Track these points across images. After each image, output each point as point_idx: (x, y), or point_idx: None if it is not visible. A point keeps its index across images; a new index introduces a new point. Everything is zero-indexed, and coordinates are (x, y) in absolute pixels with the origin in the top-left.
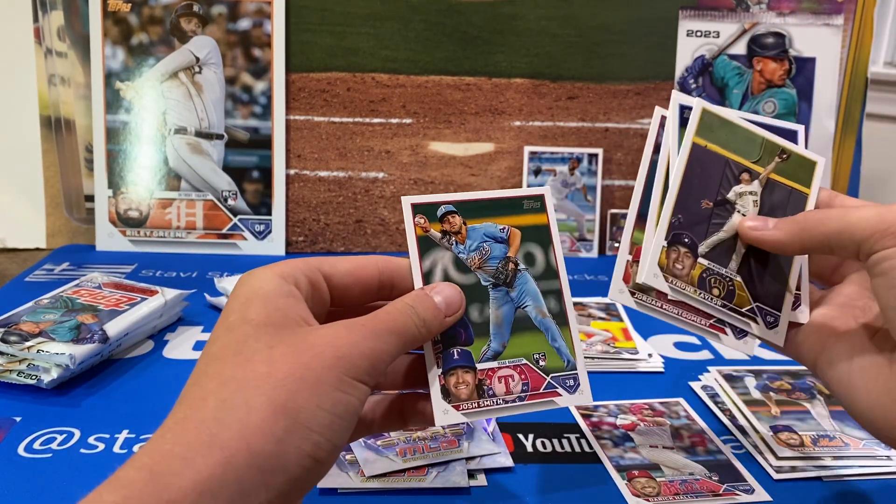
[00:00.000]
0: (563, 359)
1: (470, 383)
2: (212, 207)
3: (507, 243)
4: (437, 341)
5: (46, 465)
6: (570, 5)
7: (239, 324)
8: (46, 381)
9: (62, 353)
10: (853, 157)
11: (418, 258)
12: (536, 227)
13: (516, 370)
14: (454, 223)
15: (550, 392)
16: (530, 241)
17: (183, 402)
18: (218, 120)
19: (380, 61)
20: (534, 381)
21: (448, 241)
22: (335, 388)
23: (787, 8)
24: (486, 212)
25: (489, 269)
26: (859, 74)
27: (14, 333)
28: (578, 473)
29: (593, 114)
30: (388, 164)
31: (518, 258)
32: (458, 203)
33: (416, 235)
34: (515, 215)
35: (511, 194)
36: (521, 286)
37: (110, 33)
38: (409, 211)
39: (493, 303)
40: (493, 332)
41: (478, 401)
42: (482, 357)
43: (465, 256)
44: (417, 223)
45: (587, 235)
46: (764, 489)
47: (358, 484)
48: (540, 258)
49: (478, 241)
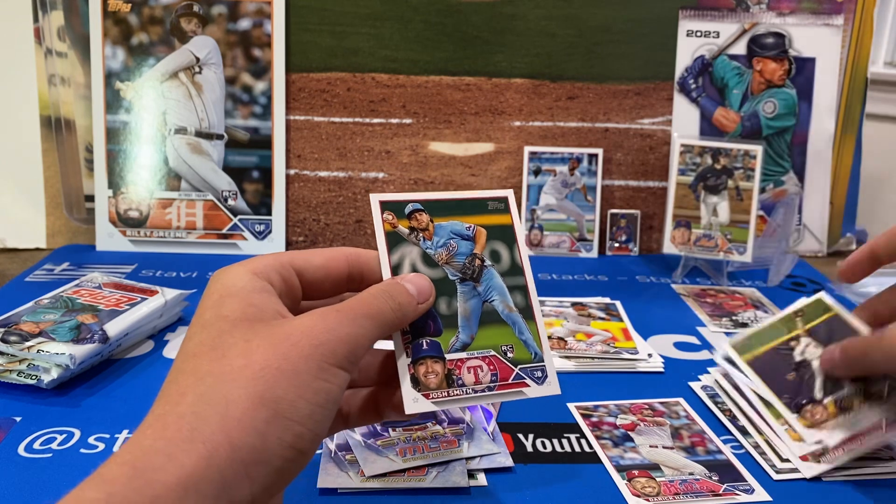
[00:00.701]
0: (531, 351)
1: (439, 373)
2: (212, 207)
3: (474, 241)
4: (406, 332)
5: (46, 465)
6: (570, 5)
7: (214, 320)
8: (46, 381)
9: (62, 353)
10: (853, 157)
11: (387, 252)
12: (501, 227)
13: (485, 361)
14: (421, 220)
15: (519, 383)
16: (496, 240)
17: (161, 399)
18: (218, 120)
19: (380, 61)
20: (502, 372)
21: (416, 236)
22: (315, 377)
23: (787, 8)
24: (453, 211)
25: (456, 264)
26: (859, 74)
27: (14, 333)
28: (578, 473)
29: (593, 114)
30: (388, 165)
31: (484, 255)
32: (425, 202)
33: (385, 231)
34: (480, 215)
35: (476, 195)
36: (487, 281)
37: (110, 33)
38: (377, 207)
39: (461, 297)
40: (461, 324)
41: (447, 390)
42: (451, 348)
43: (433, 252)
44: (385, 219)
45: (587, 235)
46: (764, 489)
47: (358, 484)
48: (505, 255)
49: (445, 237)
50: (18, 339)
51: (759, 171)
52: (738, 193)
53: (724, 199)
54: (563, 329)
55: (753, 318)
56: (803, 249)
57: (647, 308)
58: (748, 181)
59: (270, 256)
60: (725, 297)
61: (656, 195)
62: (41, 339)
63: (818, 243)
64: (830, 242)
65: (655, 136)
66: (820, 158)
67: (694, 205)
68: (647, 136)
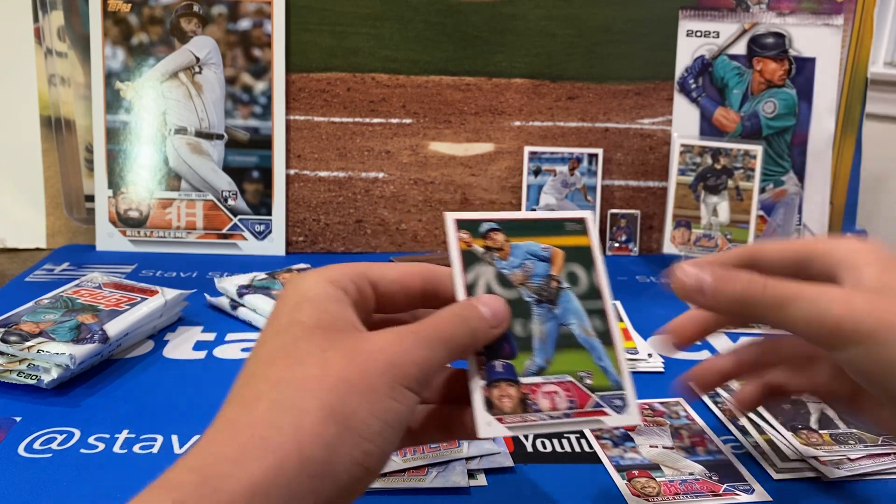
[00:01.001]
0: (610, 379)
1: (514, 396)
2: (212, 207)
3: (550, 262)
4: (481, 353)
5: (47, 464)
6: (569, 5)
7: (289, 326)
8: (46, 381)
9: (62, 353)
10: (853, 157)
11: (462, 271)
12: (579, 249)
13: (561, 387)
14: (497, 240)
15: (597, 411)
16: (573, 262)
17: (233, 403)
18: (218, 120)
19: (380, 61)
20: (580, 399)
21: (491, 256)
22: (387, 396)
23: (787, 8)
24: (529, 231)
25: (532, 285)
26: (859, 74)
27: (14, 333)
28: (578, 473)
29: (593, 114)
30: (388, 165)
31: (561, 277)
32: (501, 221)
33: (460, 249)
34: (557, 236)
35: (553, 216)
36: (564, 304)
37: (110, 33)
38: (452, 226)
39: (537, 319)
40: (536, 347)
41: (522, 415)
42: (526, 371)
43: (509, 272)
44: (461, 237)
45: None
46: (764, 489)
47: None
48: (583, 278)
49: (520, 258)
50: (18, 339)
51: (758, 171)
52: (738, 193)
53: (724, 199)
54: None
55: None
56: None
57: (647, 308)
58: (748, 181)
59: (347, 266)
60: None
61: (656, 195)
62: (41, 339)
63: None
64: None
65: (655, 136)
66: (820, 158)
67: (694, 205)
68: (647, 136)
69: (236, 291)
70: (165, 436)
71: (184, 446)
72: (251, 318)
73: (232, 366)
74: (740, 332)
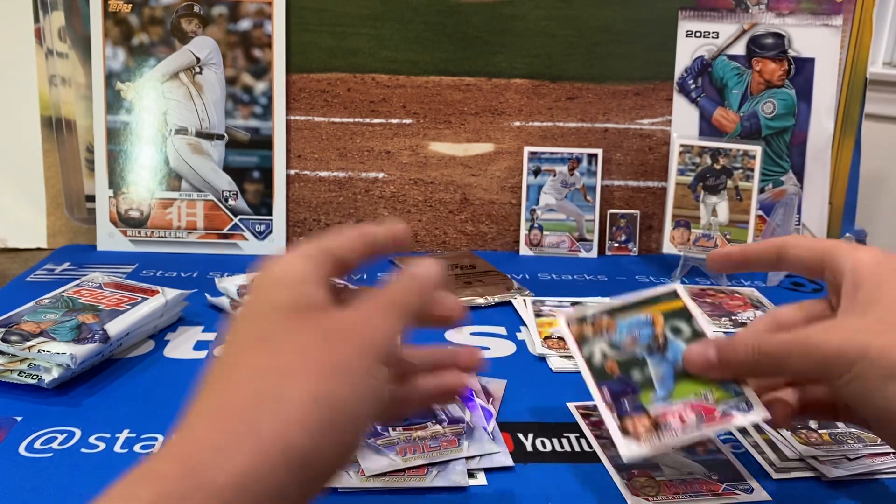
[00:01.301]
0: (730, 390)
1: (646, 423)
2: (212, 207)
3: (653, 325)
4: (607, 398)
5: (47, 464)
6: (569, 6)
7: (265, 310)
8: (47, 380)
9: (63, 353)
10: (852, 157)
11: (579, 352)
12: (676, 310)
13: (688, 406)
14: (602, 323)
15: (725, 416)
16: (674, 319)
17: (212, 390)
18: (218, 120)
19: (380, 62)
20: (707, 412)
21: (600, 334)
22: (366, 375)
23: (787, 8)
24: (629, 310)
25: (641, 344)
26: (858, 75)
27: (15, 333)
28: (578, 473)
29: (593, 114)
30: (388, 165)
31: (665, 332)
32: (604, 310)
33: (574, 337)
34: (655, 306)
35: (646, 296)
36: (673, 350)
37: (111, 34)
38: (564, 324)
39: (652, 365)
40: (657, 384)
41: (657, 433)
42: (652, 402)
43: (618, 340)
44: (573, 331)
45: (587, 235)
46: (764, 489)
47: (358, 483)
48: (686, 329)
49: (626, 329)
50: (19, 339)
51: (758, 171)
52: (738, 193)
53: (724, 199)
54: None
55: (753, 318)
56: None
57: None
58: (747, 181)
59: (313, 244)
60: (725, 297)
61: (656, 195)
62: (42, 338)
63: None
64: None
65: (655, 136)
66: (819, 158)
67: (693, 205)
68: (647, 136)
69: (237, 291)
70: (166, 435)
71: None
72: None
73: None
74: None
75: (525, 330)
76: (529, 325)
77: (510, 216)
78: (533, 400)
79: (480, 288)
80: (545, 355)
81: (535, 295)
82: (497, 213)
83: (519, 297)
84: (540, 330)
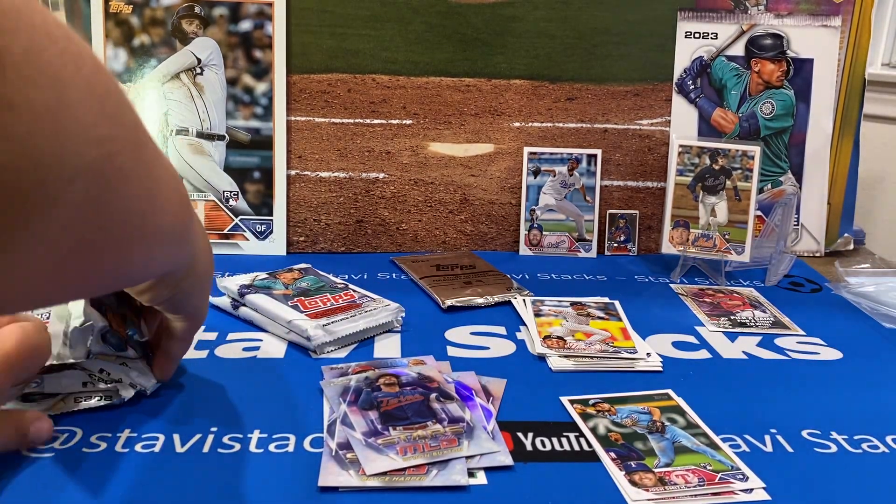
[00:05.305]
0: (726, 465)
1: (652, 478)
2: (213, 208)
3: (650, 415)
4: (615, 457)
5: (48, 464)
6: (568, 7)
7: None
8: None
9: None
10: (851, 157)
11: (586, 427)
12: (670, 407)
13: (690, 471)
14: (604, 406)
15: (724, 482)
16: (669, 412)
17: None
18: (219, 121)
19: (380, 62)
20: (707, 478)
21: (602, 415)
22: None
23: (785, 9)
24: (627, 401)
25: (641, 425)
26: (857, 75)
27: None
28: (578, 472)
29: (592, 115)
30: (388, 165)
31: (662, 420)
32: (604, 399)
33: (579, 414)
34: (650, 402)
35: (644, 394)
36: (671, 431)
37: (112, 35)
38: (569, 404)
39: (653, 440)
40: (659, 454)
41: (663, 487)
42: (656, 466)
43: (620, 420)
44: (576, 409)
45: (586, 236)
46: (763, 489)
47: (358, 482)
48: (680, 419)
49: (626, 414)
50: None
51: (756, 171)
52: (737, 194)
53: (723, 199)
54: (563, 328)
55: (751, 318)
56: (801, 249)
57: (645, 308)
58: (746, 181)
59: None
60: (724, 297)
61: (655, 195)
62: None
63: (816, 243)
64: (828, 242)
65: (654, 136)
66: (818, 159)
67: (692, 205)
68: (646, 136)
69: (238, 291)
70: (167, 435)
71: (185, 445)
72: (252, 318)
73: (233, 365)
74: (737, 331)
75: (525, 329)
76: (529, 324)
77: (510, 216)
78: (532, 400)
79: (480, 288)
80: (545, 355)
81: (535, 295)
82: (497, 214)
83: (518, 297)
84: (539, 330)
